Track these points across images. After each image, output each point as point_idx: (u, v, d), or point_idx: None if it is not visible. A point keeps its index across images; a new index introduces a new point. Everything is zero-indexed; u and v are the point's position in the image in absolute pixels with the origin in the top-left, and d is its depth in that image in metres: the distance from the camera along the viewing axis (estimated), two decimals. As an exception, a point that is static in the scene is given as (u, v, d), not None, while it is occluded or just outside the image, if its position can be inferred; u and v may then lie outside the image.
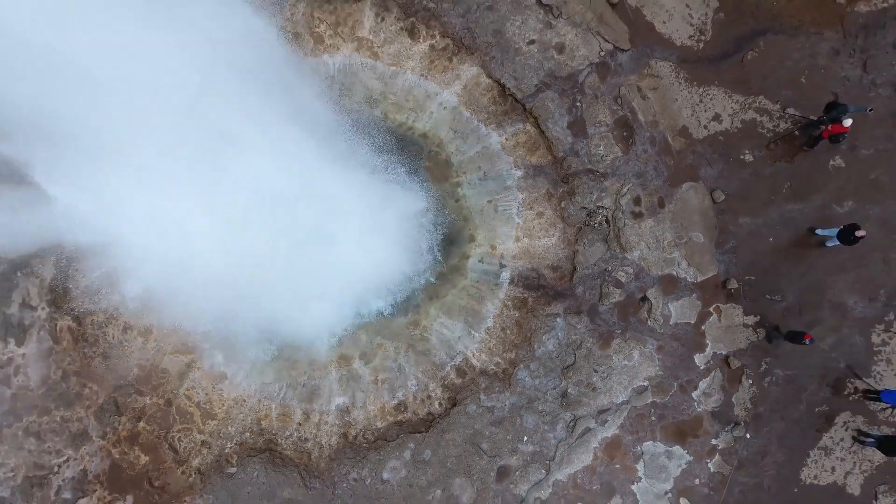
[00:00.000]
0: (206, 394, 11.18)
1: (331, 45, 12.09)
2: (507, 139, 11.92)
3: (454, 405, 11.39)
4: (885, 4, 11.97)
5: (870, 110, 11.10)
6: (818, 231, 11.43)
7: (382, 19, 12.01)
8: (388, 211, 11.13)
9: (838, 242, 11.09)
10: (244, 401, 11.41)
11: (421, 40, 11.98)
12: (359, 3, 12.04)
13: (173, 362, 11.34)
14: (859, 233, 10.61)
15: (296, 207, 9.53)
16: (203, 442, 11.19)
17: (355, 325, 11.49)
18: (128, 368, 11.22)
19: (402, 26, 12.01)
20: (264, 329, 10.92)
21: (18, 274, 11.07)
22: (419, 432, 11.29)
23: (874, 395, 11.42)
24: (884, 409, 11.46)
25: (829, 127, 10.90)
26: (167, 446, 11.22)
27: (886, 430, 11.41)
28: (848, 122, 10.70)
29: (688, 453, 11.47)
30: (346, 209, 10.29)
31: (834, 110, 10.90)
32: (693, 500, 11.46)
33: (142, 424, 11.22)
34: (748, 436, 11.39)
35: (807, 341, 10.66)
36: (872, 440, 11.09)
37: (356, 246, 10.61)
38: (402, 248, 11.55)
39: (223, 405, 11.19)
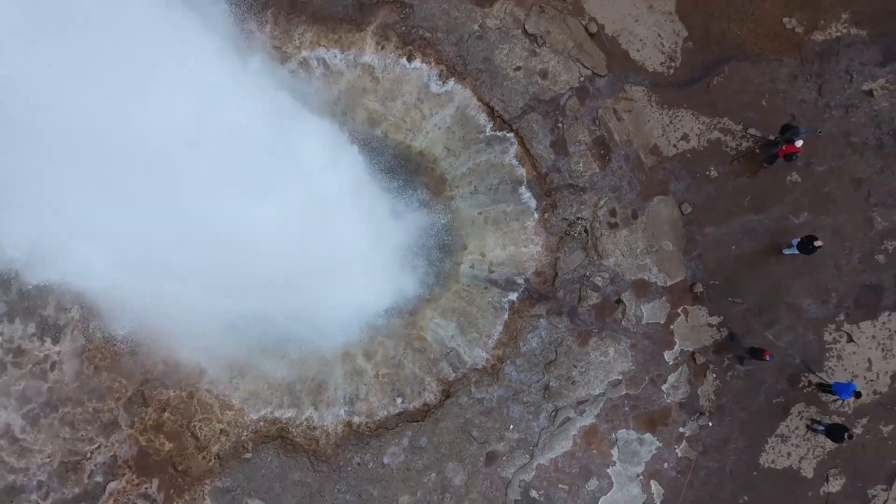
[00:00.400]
0: (224, 388, 12.43)
1: (336, 71, 13.32)
2: (495, 157, 13.15)
3: (447, 397, 12.65)
4: (839, 34, 13.19)
5: (819, 132, 12.34)
6: (784, 251, 12.62)
7: (382, 47, 13.22)
8: (391, 226, 12.34)
9: (796, 251, 12.35)
10: (258, 394, 12.66)
11: (416, 60, 13.20)
12: (361, 32, 13.25)
13: (192, 361, 12.57)
14: (817, 243, 11.86)
15: (306, 235, 10.39)
16: (221, 430, 12.44)
17: (360, 326, 12.69)
18: (154, 364, 12.46)
19: (401, 53, 13.22)
20: (277, 341, 12.10)
21: (54, 279, 12.28)
22: (416, 421, 12.55)
23: (826, 387, 12.67)
24: (834, 401, 12.71)
25: (784, 146, 12.14)
26: (189, 434, 12.47)
27: (837, 419, 12.67)
28: (799, 143, 11.94)
29: (657, 440, 12.74)
30: (353, 230, 11.41)
31: (788, 132, 12.14)
32: (662, 482, 12.73)
33: (166, 415, 12.48)
34: (711, 424, 12.66)
35: (766, 358, 11.90)
36: (822, 428, 12.35)
37: (364, 258, 11.79)
38: (406, 257, 12.77)
39: (239, 398, 12.44)
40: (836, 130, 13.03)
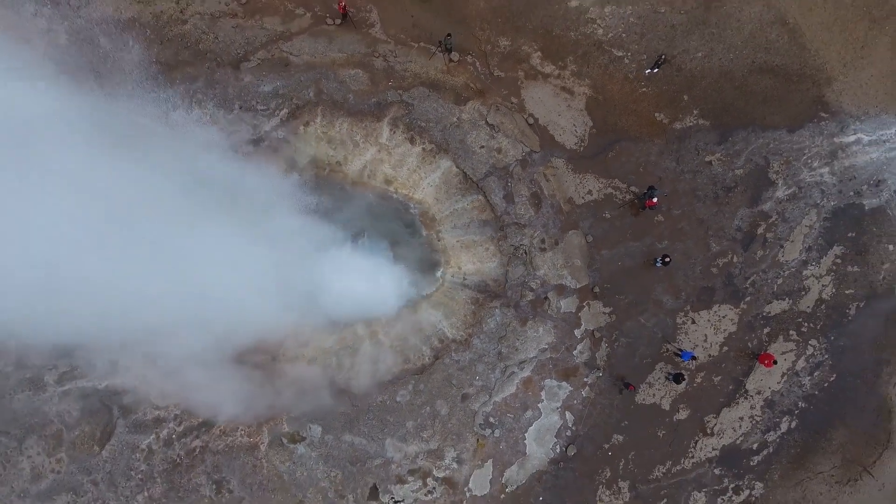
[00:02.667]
0: (296, 349, 19.57)
1: (358, 146, 20.31)
2: (468, 204, 20.27)
3: (437, 359, 19.87)
4: (691, 124, 20.30)
5: (665, 194, 19.50)
6: (657, 263, 19.80)
7: (394, 132, 20.23)
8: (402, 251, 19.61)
9: (660, 265, 19.59)
10: (315, 358, 19.81)
11: (417, 145, 20.22)
12: (380, 122, 20.24)
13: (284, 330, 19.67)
14: (667, 259, 19.12)
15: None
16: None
17: (380, 314, 19.90)
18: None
19: (405, 136, 20.23)
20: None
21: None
22: (416, 374, 19.77)
23: (678, 353, 19.96)
24: (681, 362, 20.02)
25: (646, 201, 19.32)
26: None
27: (683, 372, 19.97)
28: (655, 200, 19.12)
29: (570, 386, 20.03)
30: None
31: (651, 190, 19.31)
32: (573, 412, 20.04)
33: (259, 370, 19.60)
34: (602, 375, 19.96)
35: (630, 391, 19.19)
36: (672, 376, 19.67)
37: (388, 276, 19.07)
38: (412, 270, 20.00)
39: (307, 356, 19.61)
40: (687, 188, 20.21)
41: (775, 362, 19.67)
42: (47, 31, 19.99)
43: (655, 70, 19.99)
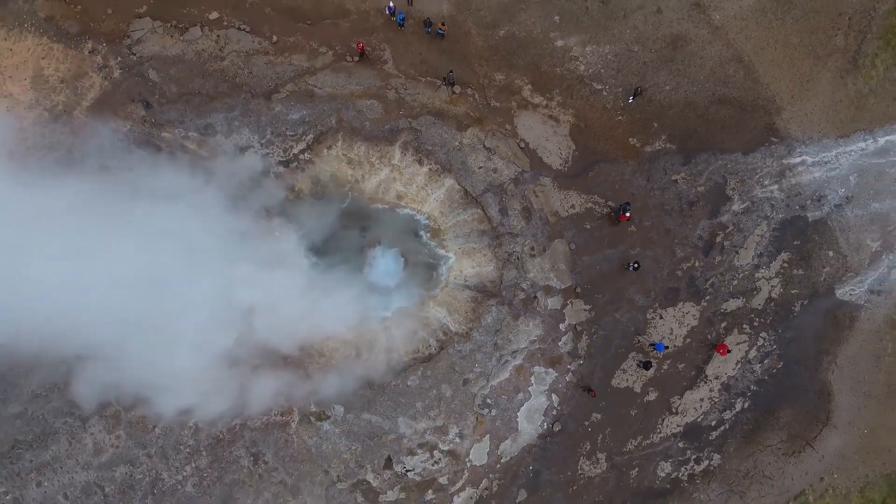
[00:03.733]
0: (320, 343, 22.85)
1: (373, 167, 23.54)
2: (468, 217, 23.58)
3: (442, 349, 23.21)
4: (660, 147, 23.61)
5: (629, 204, 22.79)
6: (630, 265, 23.18)
7: (405, 154, 23.47)
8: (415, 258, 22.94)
9: (633, 269, 22.97)
10: (337, 349, 23.09)
11: (424, 165, 23.48)
12: (392, 145, 23.47)
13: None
14: (635, 265, 22.51)
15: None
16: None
17: (396, 309, 23.21)
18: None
19: (414, 158, 23.48)
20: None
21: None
22: (424, 362, 23.11)
23: (652, 345, 23.35)
24: (654, 353, 23.40)
25: (621, 214, 22.67)
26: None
27: (651, 360, 23.37)
28: (628, 213, 22.48)
29: (555, 372, 23.40)
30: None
31: (624, 206, 22.65)
32: (558, 394, 23.42)
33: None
34: (583, 363, 23.36)
35: (592, 396, 22.59)
36: (641, 363, 23.07)
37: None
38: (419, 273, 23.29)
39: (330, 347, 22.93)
40: (656, 202, 23.56)
41: (729, 351, 23.13)
42: (103, 66, 23.15)
43: (633, 99, 23.29)
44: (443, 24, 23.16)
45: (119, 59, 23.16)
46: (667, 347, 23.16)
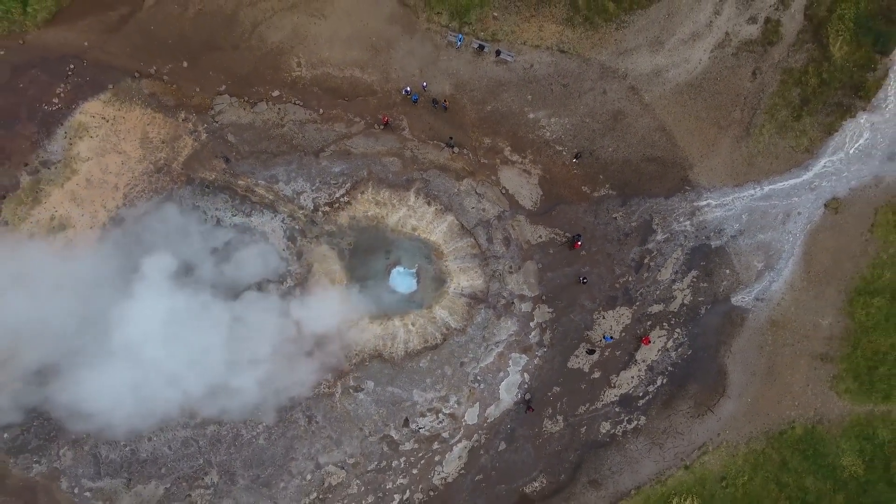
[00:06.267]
0: (356, 334, 31.46)
1: (395, 207, 32.03)
2: (464, 244, 32.20)
3: (444, 340, 31.92)
4: (604, 193, 32.33)
5: (580, 235, 31.62)
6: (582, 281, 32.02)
7: (417, 198, 31.99)
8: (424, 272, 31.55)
9: (583, 282, 31.77)
10: (369, 340, 31.68)
11: (431, 206, 32.03)
12: (408, 191, 31.95)
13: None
14: (585, 279, 31.34)
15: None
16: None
17: (410, 308, 31.83)
18: (329, 328, 31.54)
19: (424, 200, 32.00)
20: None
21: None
22: (432, 350, 31.81)
23: (603, 337, 32.18)
24: (604, 342, 32.25)
25: (574, 243, 31.44)
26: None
27: (596, 347, 32.25)
28: (579, 242, 31.26)
29: (527, 357, 32.22)
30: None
31: (576, 236, 31.42)
32: (529, 373, 32.24)
33: (333, 348, 31.60)
34: (547, 350, 32.20)
35: (530, 412, 31.34)
36: (588, 351, 31.91)
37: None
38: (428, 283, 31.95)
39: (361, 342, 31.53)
40: (600, 234, 32.34)
41: (652, 342, 32.07)
42: (193, 131, 31.29)
43: (576, 160, 31.93)
44: (446, 101, 31.59)
45: (205, 125, 31.29)
46: (613, 339, 32.02)
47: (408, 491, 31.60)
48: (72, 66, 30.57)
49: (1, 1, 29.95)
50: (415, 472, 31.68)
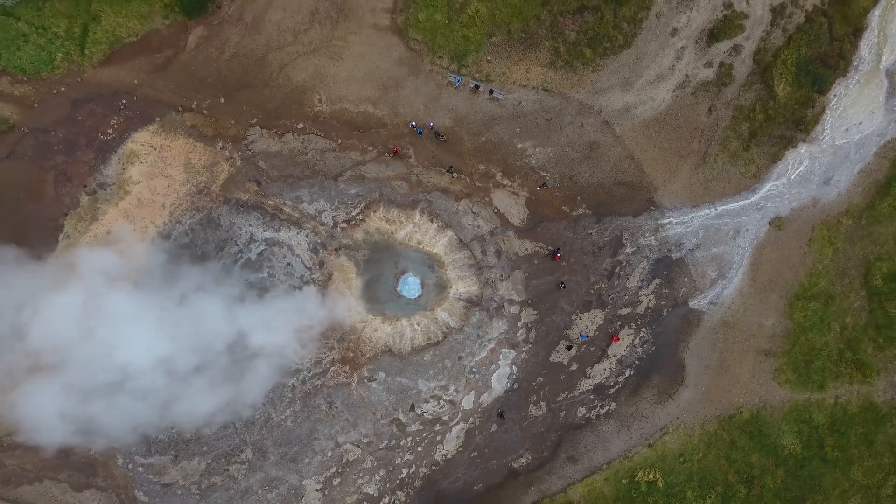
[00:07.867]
0: (370, 332, 36.92)
1: (402, 223, 37.41)
2: (462, 256, 37.67)
3: (445, 338, 37.42)
4: (581, 212, 37.88)
5: (559, 249, 37.19)
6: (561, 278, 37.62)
7: (422, 216, 37.38)
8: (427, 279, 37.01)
9: (563, 288, 37.36)
10: (381, 337, 37.13)
11: (434, 223, 37.42)
12: (414, 210, 37.33)
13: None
14: (563, 285, 36.94)
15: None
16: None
17: (415, 311, 37.29)
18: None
19: (428, 218, 37.39)
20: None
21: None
22: (434, 346, 37.30)
23: (580, 335, 37.79)
24: (580, 339, 37.88)
25: (555, 255, 36.99)
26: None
27: (572, 344, 37.88)
28: (559, 255, 36.82)
29: (515, 352, 37.79)
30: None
31: (557, 249, 36.96)
32: (517, 365, 37.79)
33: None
34: (532, 346, 37.78)
35: (502, 419, 36.95)
36: (567, 346, 37.50)
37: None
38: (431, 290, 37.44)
39: (373, 341, 37.00)
40: (578, 247, 37.91)
41: (621, 339, 37.77)
42: (229, 158, 36.43)
43: (541, 188, 37.33)
44: (444, 135, 36.90)
45: (240, 153, 36.41)
46: (588, 336, 37.64)
47: (413, 465, 37.16)
48: (124, 101, 35.48)
49: (62, 45, 34.79)
50: (420, 449, 37.25)
